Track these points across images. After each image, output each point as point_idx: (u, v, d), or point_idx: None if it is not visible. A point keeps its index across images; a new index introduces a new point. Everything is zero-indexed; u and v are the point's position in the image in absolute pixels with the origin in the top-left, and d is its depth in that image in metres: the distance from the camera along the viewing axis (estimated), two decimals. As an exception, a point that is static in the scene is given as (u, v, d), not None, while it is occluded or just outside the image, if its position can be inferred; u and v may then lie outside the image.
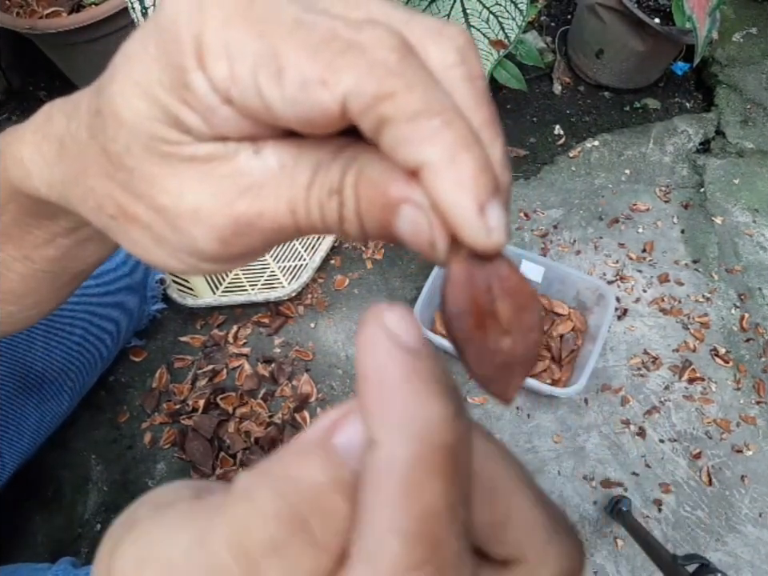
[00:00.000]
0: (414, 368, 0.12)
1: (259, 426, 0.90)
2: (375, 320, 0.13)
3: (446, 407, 0.12)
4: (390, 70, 0.14)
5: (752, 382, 0.95)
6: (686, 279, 1.04)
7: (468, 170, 0.14)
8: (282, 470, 0.12)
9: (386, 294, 1.01)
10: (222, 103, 0.15)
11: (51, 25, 0.93)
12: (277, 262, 1.03)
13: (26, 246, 0.27)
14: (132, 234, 0.18)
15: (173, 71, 0.15)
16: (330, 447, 0.12)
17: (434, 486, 0.11)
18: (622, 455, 0.90)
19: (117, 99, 0.17)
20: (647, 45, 1.11)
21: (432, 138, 0.14)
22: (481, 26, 0.93)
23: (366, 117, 0.14)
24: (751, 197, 1.13)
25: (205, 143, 0.16)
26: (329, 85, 0.14)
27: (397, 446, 0.11)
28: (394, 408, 0.12)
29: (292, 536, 0.11)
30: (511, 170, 0.16)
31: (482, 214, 0.14)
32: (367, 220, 0.15)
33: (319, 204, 0.16)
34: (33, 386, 0.69)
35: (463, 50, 0.16)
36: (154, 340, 0.97)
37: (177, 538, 0.13)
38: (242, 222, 0.16)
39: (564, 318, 0.95)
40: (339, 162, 0.16)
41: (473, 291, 0.15)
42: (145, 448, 0.90)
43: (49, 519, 0.85)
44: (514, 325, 0.16)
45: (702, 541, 0.85)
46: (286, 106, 0.15)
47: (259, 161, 0.16)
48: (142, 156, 0.17)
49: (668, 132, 1.21)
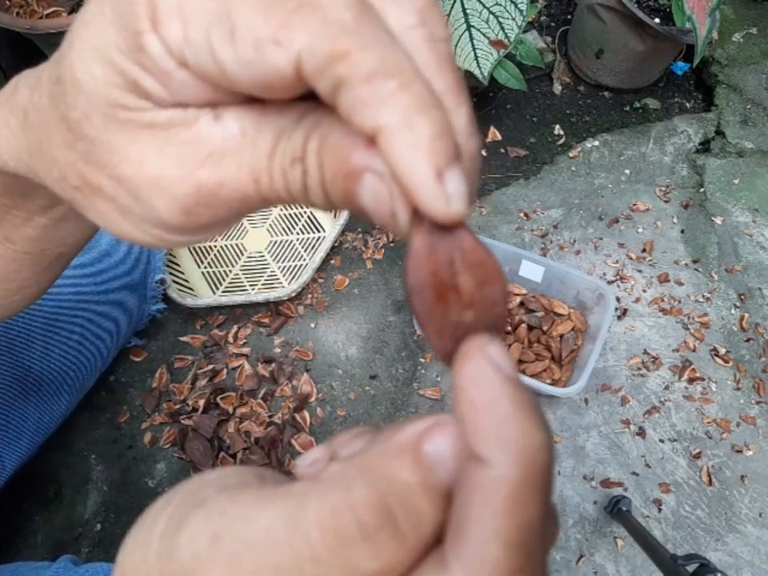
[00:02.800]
0: (521, 400, 0.13)
1: (259, 425, 0.90)
2: (480, 353, 0.14)
3: (546, 434, 0.14)
4: (345, 28, 0.13)
5: (752, 382, 0.95)
6: (686, 279, 1.04)
7: (425, 134, 0.13)
8: (376, 465, 0.13)
9: (386, 294, 1.01)
10: (177, 66, 0.15)
11: (51, 25, 0.93)
12: (277, 262, 1.03)
13: (5, 226, 0.26)
14: (97, 205, 0.18)
15: (128, 34, 0.15)
16: (421, 453, 0.14)
17: (534, 502, 0.13)
18: (621, 455, 0.90)
19: (75, 65, 0.16)
20: (647, 45, 1.11)
21: (388, 100, 0.13)
22: (481, 26, 0.93)
23: (321, 78, 0.14)
24: (751, 197, 1.13)
25: (164, 109, 0.16)
26: (282, 44, 0.13)
27: (508, 467, 0.13)
28: (505, 435, 0.13)
29: (381, 526, 0.13)
30: (480, 139, 0.16)
31: (439, 180, 0.13)
32: (331, 189, 0.15)
33: (282, 172, 0.15)
34: (32, 386, 0.69)
35: (424, 11, 0.15)
36: (154, 340, 0.97)
37: (257, 516, 0.13)
38: (204, 191, 0.16)
39: (564, 317, 0.95)
40: (302, 128, 0.15)
41: (434, 264, 0.15)
42: (145, 448, 0.90)
43: (49, 519, 0.85)
44: (477, 299, 0.15)
45: (702, 541, 0.85)
46: (240, 67, 0.14)
47: (220, 127, 0.16)
48: (101, 124, 0.16)
49: (668, 132, 1.21)
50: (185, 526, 0.14)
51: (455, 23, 0.93)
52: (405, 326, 0.99)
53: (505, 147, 1.18)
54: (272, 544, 0.13)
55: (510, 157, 1.17)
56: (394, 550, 0.13)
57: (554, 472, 0.14)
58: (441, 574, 0.13)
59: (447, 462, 0.13)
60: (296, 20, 0.13)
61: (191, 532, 0.14)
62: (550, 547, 0.16)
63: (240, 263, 1.03)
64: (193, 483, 0.16)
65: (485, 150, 1.17)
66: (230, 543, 0.13)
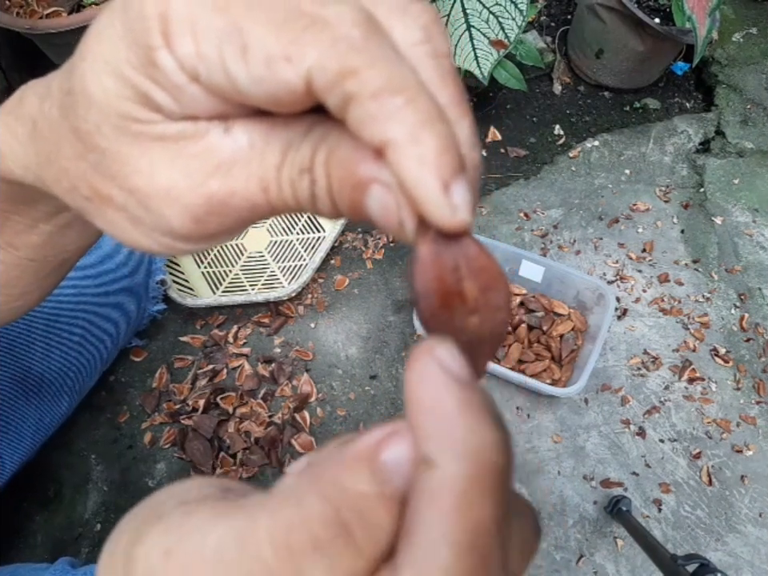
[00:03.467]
0: (468, 399, 0.13)
1: (259, 425, 0.90)
2: (427, 354, 0.14)
3: (497, 434, 0.13)
4: (353, 45, 0.14)
5: (752, 382, 0.95)
6: (686, 279, 1.04)
7: (431, 147, 0.14)
8: (330, 477, 0.13)
9: (386, 294, 1.01)
10: (189, 81, 0.15)
11: (51, 25, 0.93)
12: (277, 262, 1.03)
13: (8, 232, 0.27)
14: (108, 215, 0.18)
15: (140, 49, 0.15)
16: (377, 462, 0.13)
17: (484, 503, 0.13)
18: (622, 455, 0.90)
19: (87, 78, 0.16)
20: (647, 45, 1.11)
21: (395, 115, 0.14)
22: (481, 26, 0.93)
23: (331, 94, 0.14)
24: (751, 197, 1.13)
25: (175, 122, 0.16)
26: (293, 61, 0.14)
27: (454, 467, 0.13)
28: (450, 435, 0.13)
29: (335, 539, 0.12)
30: (481, 148, 0.16)
31: (446, 191, 0.14)
32: (339, 199, 0.15)
33: (290, 182, 0.16)
34: (32, 387, 0.69)
35: (428, 28, 0.16)
36: (155, 340, 0.97)
37: (210, 532, 0.13)
38: (215, 201, 0.16)
39: (564, 317, 0.95)
40: (310, 140, 0.15)
41: (440, 271, 0.15)
42: (145, 448, 0.90)
43: (49, 519, 0.85)
44: (481, 304, 0.16)
45: (702, 541, 0.85)
46: (252, 83, 0.15)
47: (229, 139, 0.16)
48: (112, 135, 0.17)
49: (668, 132, 1.21)
50: (142, 540, 0.14)
51: (455, 23, 0.93)
52: (405, 326, 0.99)
53: (505, 147, 1.18)
54: (223, 560, 0.13)
55: (510, 157, 1.17)
56: (350, 562, 0.13)
57: (512, 473, 0.14)
58: None
59: (403, 470, 0.13)
60: (306, 37, 0.14)
61: (148, 544, 0.14)
62: (525, 557, 0.15)
63: (240, 263, 1.03)
64: (157, 496, 0.16)
65: (485, 149, 1.17)
66: (182, 558, 0.13)
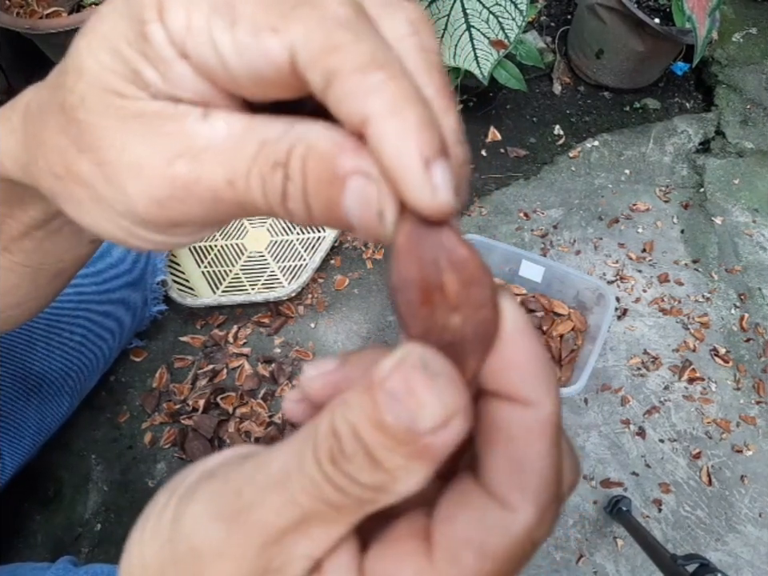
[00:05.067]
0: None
1: (259, 425, 0.90)
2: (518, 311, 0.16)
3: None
4: (340, 23, 0.14)
5: (752, 382, 0.95)
6: (686, 279, 1.04)
7: (412, 121, 0.13)
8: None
9: (386, 294, 1.01)
10: (178, 56, 0.16)
11: (51, 25, 0.93)
12: (277, 262, 1.03)
13: (4, 237, 0.27)
14: (75, 193, 0.18)
15: (135, 24, 0.16)
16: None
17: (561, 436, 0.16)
18: (621, 455, 0.90)
19: (83, 52, 0.17)
20: (647, 45, 1.11)
21: (377, 89, 0.14)
22: (481, 26, 0.93)
23: (314, 70, 0.14)
24: (751, 197, 1.13)
25: (157, 101, 0.16)
26: (279, 32, 0.14)
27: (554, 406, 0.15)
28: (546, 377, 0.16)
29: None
30: (467, 146, 0.16)
31: (426, 168, 0.13)
32: (313, 198, 0.15)
33: (261, 178, 0.15)
34: (33, 387, 0.69)
35: (416, 23, 0.16)
36: (155, 340, 0.97)
37: (273, 460, 0.15)
38: (178, 184, 0.16)
39: (564, 317, 0.95)
40: (289, 135, 0.15)
41: (419, 263, 0.14)
42: (145, 448, 0.90)
43: (49, 519, 0.85)
44: (462, 300, 0.14)
45: (702, 541, 0.85)
46: (236, 53, 0.15)
47: (207, 125, 0.16)
48: (95, 108, 0.17)
49: (668, 132, 1.21)
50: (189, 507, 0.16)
51: (455, 23, 0.93)
52: (405, 326, 0.98)
53: (505, 147, 1.18)
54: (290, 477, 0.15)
55: (510, 157, 1.17)
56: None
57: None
58: (508, 514, 0.14)
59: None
60: (295, 14, 0.14)
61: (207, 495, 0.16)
62: (569, 490, 0.17)
63: (240, 263, 1.03)
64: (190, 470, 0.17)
65: (485, 150, 1.17)
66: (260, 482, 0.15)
